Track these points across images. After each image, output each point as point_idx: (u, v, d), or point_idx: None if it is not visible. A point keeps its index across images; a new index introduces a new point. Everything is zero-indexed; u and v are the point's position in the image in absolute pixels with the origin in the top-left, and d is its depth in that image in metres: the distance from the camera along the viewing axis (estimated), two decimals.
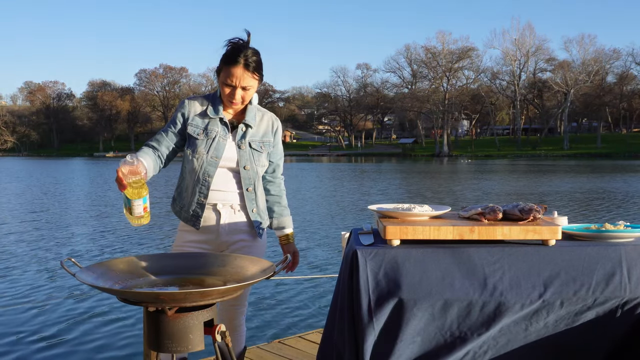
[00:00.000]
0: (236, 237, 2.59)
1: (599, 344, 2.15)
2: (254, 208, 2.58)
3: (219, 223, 2.56)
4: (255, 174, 2.56)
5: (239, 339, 2.75)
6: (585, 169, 41.34)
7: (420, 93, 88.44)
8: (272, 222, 2.74)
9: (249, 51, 2.40)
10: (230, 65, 2.39)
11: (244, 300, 2.72)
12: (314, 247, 10.64)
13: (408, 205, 2.42)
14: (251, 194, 2.57)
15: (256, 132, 2.57)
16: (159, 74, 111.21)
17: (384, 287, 2.12)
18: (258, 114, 2.60)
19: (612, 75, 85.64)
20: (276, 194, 2.71)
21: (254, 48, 2.44)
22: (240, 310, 2.70)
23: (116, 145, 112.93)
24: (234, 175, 2.56)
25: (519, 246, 2.17)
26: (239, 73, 2.39)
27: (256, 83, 2.47)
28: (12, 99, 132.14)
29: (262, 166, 2.60)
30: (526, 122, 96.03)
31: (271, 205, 2.72)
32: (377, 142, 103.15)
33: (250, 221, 2.59)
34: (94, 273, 2.05)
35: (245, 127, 2.55)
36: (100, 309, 6.72)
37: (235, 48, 2.40)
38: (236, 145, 2.53)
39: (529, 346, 2.14)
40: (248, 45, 2.42)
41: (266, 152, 2.60)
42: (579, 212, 15.78)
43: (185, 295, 1.84)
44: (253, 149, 2.55)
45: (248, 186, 2.55)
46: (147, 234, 12.77)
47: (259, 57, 2.44)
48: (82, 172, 44.37)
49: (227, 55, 2.40)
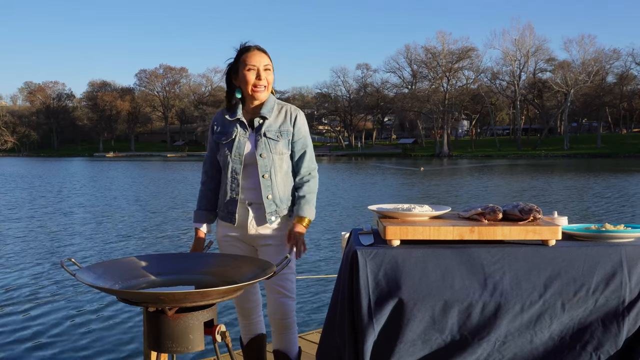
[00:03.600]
0: (264, 233, 2.66)
1: (604, 346, 2.14)
2: (269, 195, 2.63)
3: (249, 219, 2.66)
4: (271, 162, 2.63)
5: (294, 336, 2.76)
6: (586, 169, 41.34)
7: (420, 93, 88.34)
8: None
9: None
10: (248, 52, 2.63)
11: (294, 291, 2.71)
12: (314, 247, 10.64)
13: (408, 206, 2.42)
14: (267, 180, 2.63)
15: (273, 123, 2.66)
16: (159, 74, 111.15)
17: (384, 288, 2.12)
18: (277, 107, 2.71)
19: (612, 75, 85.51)
20: (298, 183, 2.72)
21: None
22: (292, 303, 2.70)
23: (116, 146, 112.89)
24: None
25: (519, 246, 2.17)
26: (256, 55, 2.62)
27: (271, 66, 2.65)
28: (12, 99, 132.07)
29: (280, 154, 2.65)
30: (526, 122, 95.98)
31: (294, 193, 2.72)
32: (377, 142, 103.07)
33: (281, 222, 2.65)
34: (94, 273, 2.05)
35: (261, 119, 2.66)
36: (100, 309, 6.72)
37: (243, 43, 2.69)
38: (255, 139, 2.65)
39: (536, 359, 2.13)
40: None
41: (284, 140, 2.66)
42: (579, 212, 15.78)
43: (185, 295, 1.84)
44: (269, 138, 2.63)
45: (264, 173, 2.63)
46: (147, 234, 12.77)
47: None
48: (82, 172, 44.36)
49: (241, 48, 2.66)
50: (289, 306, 2.68)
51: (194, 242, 2.79)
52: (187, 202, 19.74)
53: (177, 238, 12.14)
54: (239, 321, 2.87)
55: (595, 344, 2.14)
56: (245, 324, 2.84)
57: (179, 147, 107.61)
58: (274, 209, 2.64)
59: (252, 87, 2.61)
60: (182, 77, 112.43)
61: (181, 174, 38.73)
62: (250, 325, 2.83)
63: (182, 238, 12.09)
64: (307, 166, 2.73)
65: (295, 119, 2.69)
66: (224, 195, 2.71)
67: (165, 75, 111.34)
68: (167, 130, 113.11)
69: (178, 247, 11.14)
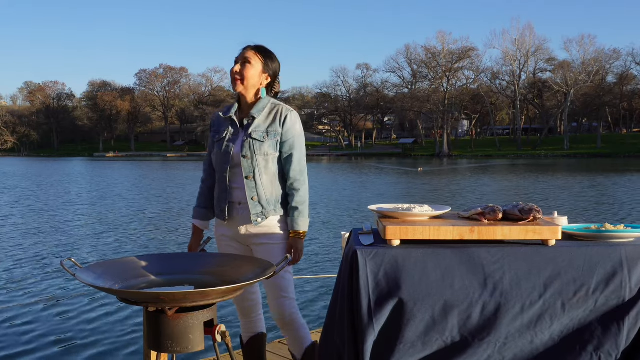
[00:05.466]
0: (255, 232, 2.65)
1: (604, 346, 2.14)
2: (253, 196, 2.61)
3: (239, 218, 2.66)
4: (255, 163, 2.60)
5: (298, 333, 2.77)
6: (586, 169, 41.33)
7: (420, 93, 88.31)
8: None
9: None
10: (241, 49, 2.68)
11: (290, 291, 2.71)
12: (314, 247, 10.64)
13: (408, 205, 2.42)
14: (250, 182, 2.61)
15: (262, 123, 2.64)
16: (159, 74, 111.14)
17: (384, 288, 2.12)
18: (269, 107, 2.67)
19: (612, 75, 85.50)
20: (288, 190, 2.67)
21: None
22: (289, 302, 2.70)
23: (116, 146, 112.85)
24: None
25: (519, 246, 2.17)
26: (243, 51, 2.66)
27: (258, 62, 2.64)
28: (12, 99, 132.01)
29: (264, 155, 2.60)
30: (526, 122, 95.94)
31: (285, 196, 2.69)
32: (377, 142, 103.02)
33: (271, 222, 2.64)
34: (94, 273, 2.05)
35: (251, 119, 2.64)
36: (100, 309, 6.72)
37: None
38: (242, 140, 2.64)
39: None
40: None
41: (271, 141, 2.61)
42: (579, 212, 15.78)
43: (185, 295, 1.84)
44: (254, 139, 2.61)
45: (247, 174, 2.61)
46: (147, 234, 12.77)
47: (264, 47, 2.70)
48: (82, 172, 44.35)
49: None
50: (286, 306, 2.69)
51: (191, 238, 2.83)
52: (187, 202, 19.74)
53: (176, 238, 12.14)
54: (239, 319, 2.88)
55: (596, 344, 2.14)
56: (244, 322, 2.86)
57: (179, 147, 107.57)
58: (260, 210, 2.61)
59: (231, 79, 2.65)
60: (182, 77, 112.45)
61: (181, 174, 38.71)
62: (249, 323, 2.85)
63: (182, 238, 12.09)
64: (294, 169, 2.64)
65: (285, 120, 2.63)
66: (217, 194, 2.73)
67: (165, 75, 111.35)
68: (167, 130, 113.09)
69: (178, 247, 11.14)
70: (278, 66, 2.73)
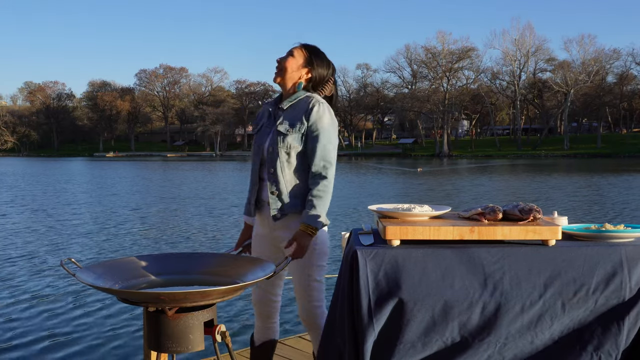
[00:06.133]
0: (280, 233, 2.56)
1: (604, 346, 2.14)
2: (273, 190, 2.53)
3: (266, 216, 2.59)
4: (276, 156, 2.52)
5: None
6: (586, 169, 41.33)
7: (420, 93, 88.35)
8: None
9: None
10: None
11: (321, 298, 2.68)
12: None
13: (408, 206, 2.42)
14: (273, 176, 2.54)
15: (288, 115, 2.56)
16: (159, 74, 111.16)
17: (384, 288, 2.12)
18: (300, 99, 2.58)
19: (612, 75, 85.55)
20: (309, 184, 2.54)
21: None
22: (320, 311, 2.66)
23: (116, 146, 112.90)
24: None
25: (519, 246, 2.16)
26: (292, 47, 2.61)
27: (301, 56, 2.59)
28: (12, 99, 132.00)
29: (287, 148, 2.51)
30: (526, 122, 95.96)
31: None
32: (377, 142, 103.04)
33: (293, 221, 2.54)
34: (94, 273, 2.05)
35: (280, 111, 2.59)
36: (100, 309, 6.72)
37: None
38: (270, 132, 2.59)
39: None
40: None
41: (296, 135, 2.51)
42: (579, 212, 15.78)
43: (185, 295, 1.84)
44: (279, 132, 2.53)
45: (270, 168, 2.54)
46: (147, 234, 12.77)
47: (315, 46, 2.66)
48: (82, 172, 44.35)
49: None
50: (318, 315, 2.64)
51: (241, 233, 2.80)
52: (187, 202, 19.74)
53: (177, 238, 12.14)
54: (255, 321, 2.84)
55: (596, 344, 2.14)
56: (260, 326, 2.80)
57: (179, 147, 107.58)
58: (279, 206, 2.53)
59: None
60: (182, 77, 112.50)
61: (181, 174, 38.72)
62: (265, 329, 2.80)
63: (182, 238, 12.10)
64: (316, 163, 2.51)
65: (311, 111, 2.50)
66: (250, 189, 2.67)
67: (165, 75, 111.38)
68: (167, 130, 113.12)
69: (178, 247, 11.14)
70: (327, 66, 2.65)
